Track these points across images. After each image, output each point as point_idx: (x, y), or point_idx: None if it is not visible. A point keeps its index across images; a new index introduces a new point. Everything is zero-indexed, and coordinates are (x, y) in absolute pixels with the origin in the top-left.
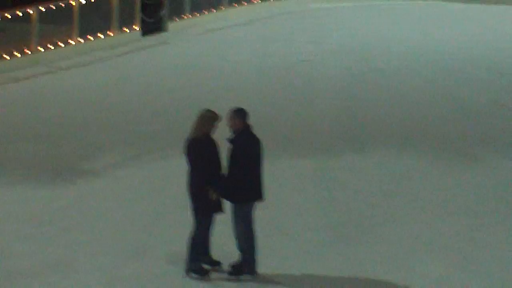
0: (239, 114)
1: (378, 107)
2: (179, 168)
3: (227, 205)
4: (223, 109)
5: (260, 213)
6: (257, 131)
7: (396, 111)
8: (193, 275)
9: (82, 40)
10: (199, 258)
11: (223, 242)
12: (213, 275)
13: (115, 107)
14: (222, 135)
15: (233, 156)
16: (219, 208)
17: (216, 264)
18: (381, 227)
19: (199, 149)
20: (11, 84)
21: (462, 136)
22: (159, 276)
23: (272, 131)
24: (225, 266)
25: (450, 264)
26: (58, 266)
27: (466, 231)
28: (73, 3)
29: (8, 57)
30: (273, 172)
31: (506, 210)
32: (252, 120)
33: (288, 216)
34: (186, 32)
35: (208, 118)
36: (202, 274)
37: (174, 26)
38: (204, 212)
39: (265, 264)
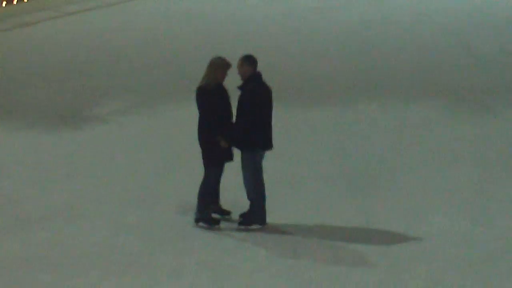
0: (248, 60)
1: (391, 57)
2: (183, 116)
3: (237, 154)
4: (233, 56)
5: (271, 163)
6: (269, 80)
7: (409, 61)
8: (203, 224)
9: None
10: (209, 207)
11: (233, 192)
12: (223, 224)
13: (122, 53)
14: (233, 83)
15: (241, 103)
16: (229, 157)
17: (226, 213)
18: (392, 177)
19: (209, 97)
20: (18, 29)
21: (473, 85)
22: (168, 224)
23: (284, 81)
24: (235, 215)
25: (459, 214)
26: (64, 212)
27: (476, 181)
28: None
29: (15, 2)
30: (285, 122)
31: None
32: (263, 69)
33: (299, 167)
34: None
35: (219, 66)
36: (212, 223)
37: None
38: (214, 161)
39: (275, 214)
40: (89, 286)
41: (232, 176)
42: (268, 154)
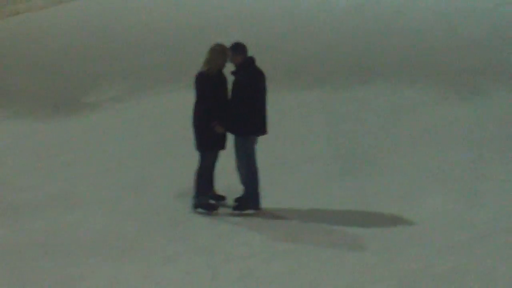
0: (236, 48)
1: (382, 40)
2: (180, 102)
3: (230, 139)
4: (227, 41)
5: (264, 146)
6: (261, 62)
7: (400, 45)
8: (200, 210)
9: None
10: (206, 193)
11: (227, 177)
12: (219, 210)
13: (116, 38)
14: (226, 70)
15: (235, 89)
16: (222, 145)
17: (221, 198)
18: (384, 158)
19: (210, 83)
20: (11, 17)
21: (464, 67)
22: (164, 210)
23: (276, 62)
24: (230, 200)
25: (451, 195)
26: (60, 199)
27: (468, 162)
28: None
29: None
30: (276, 103)
31: (508, 142)
32: (255, 52)
33: (291, 149)
34: None
35: (218, 52)
36: (210, 209)
37: None
38: (209, 146)
39: (268, 198)
40: (87, 273)
41: (226, 161)
42: (261, 137)
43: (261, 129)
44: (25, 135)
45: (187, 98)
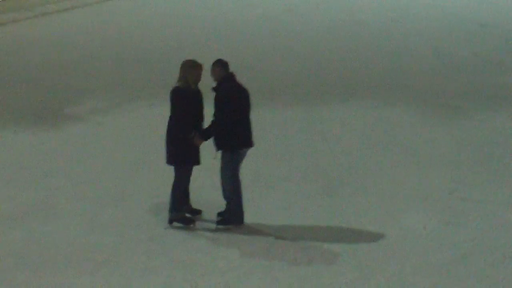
0: (218, 63)
1: (364, 60)
2: (161, 117)
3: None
4: (208, 58)
5: (244, 162)
6: (241, 80)
7: (380, 63)
8: (177, 224)
9: None
10: (181, 207)
11: (206, 191)
12: (196, 224)
13: (99, 53)
14: (207, 86)
15: (217, 104)
16: (196, 161)
17: (196, 212)
18: (364, 178)
19: (181, 98)
20: None
21: (446, 89)
22: (142, 223)
23: (257, 81)
24: (207, 214)
25: (431, 215)
26: (39, 211)
27: (448, 182)
28: None
29: None
30: (256, 121)
31: (489, 162)
32: (236, 70)
33: (271, 166)
34: None
35: (189, 67)
36: (186, 223)
37: None
38: (183, 160)
39: (248, 214)
40: (63, 285)
41: (204, 175)
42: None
43: (247, 141)
44: (6, 146)
45: (167, 112)
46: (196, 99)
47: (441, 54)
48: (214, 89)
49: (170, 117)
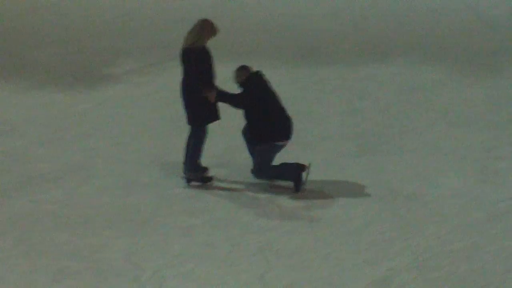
0: (239, 69)
1: (399, 18)
2: None
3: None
4: (246, 18)
5: None
6: (280, 40)
7: (417, 23)
8: (195, 183)
9: None
10: (199, 166)
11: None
12: (233, 184)
13: (134, 13)
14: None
15: (244, 98)
16: (215, 116)
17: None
18: (400, 137)
19: (194, 58)
20: None
21: (482, 48)
22: (180, 183)
23: (294, 40)
24: (245, 175)
25: (468, 175)
26: (77, 171)
27: (485, 143)
28: None
29: None
30: (294, 81)
31: None
32: (274, 29)
33: (308, 126)
34: None
35: (200, 27)
36: (205, 181)
37: None
38: (203, 119)
39: None
40: (102, 245)
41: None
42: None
43: (282, 134)
44: (42, 107)
45: None
46: (207, 57)
47: (476, 12)
48: (241, 86)
49: (183, 79)
